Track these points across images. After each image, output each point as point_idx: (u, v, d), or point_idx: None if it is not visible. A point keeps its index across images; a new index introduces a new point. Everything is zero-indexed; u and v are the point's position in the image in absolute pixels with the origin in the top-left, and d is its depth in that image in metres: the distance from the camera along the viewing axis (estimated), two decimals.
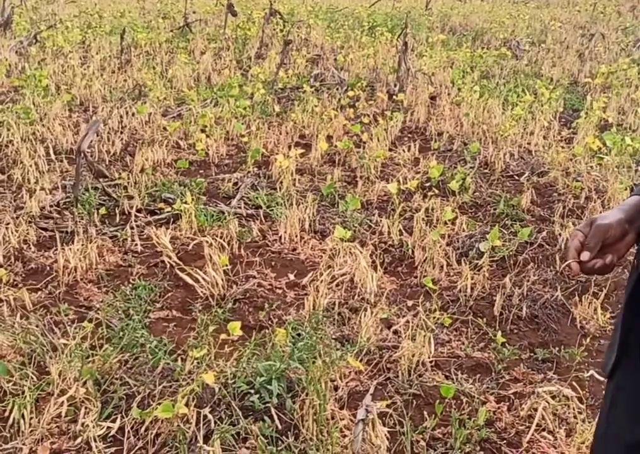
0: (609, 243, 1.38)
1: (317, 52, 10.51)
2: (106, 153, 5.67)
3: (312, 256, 4.18)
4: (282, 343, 2.94)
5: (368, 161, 5.57)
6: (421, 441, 2.58)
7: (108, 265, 3.90)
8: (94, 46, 9.87)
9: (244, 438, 2.53)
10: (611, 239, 1.38)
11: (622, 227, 1.38)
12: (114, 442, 2.53)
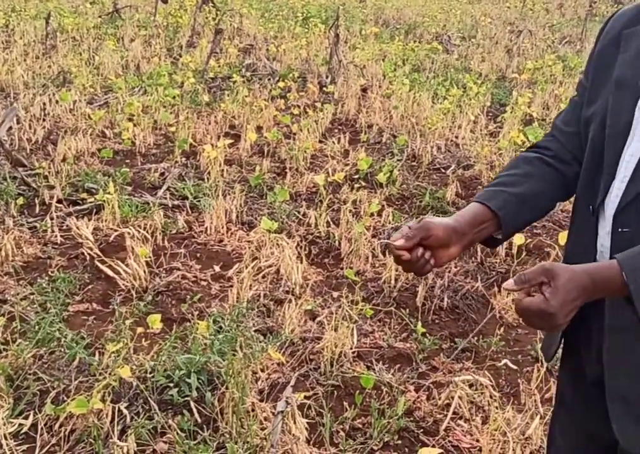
0: (431, 245, 1.35)
1: (249, 41, 10.42)
2: (27, 141, 5.48)
3: (238, 247, 4.15)
4: (203, 336, 2.91)
5: (297, 152, 5.56)
6: (340, 431, 2.60)
7: (26, 257, 3.78)
8: (18, 31, 9.53)
9: (162, 432, 2.50)
10: (434, 242, 1.35)
11: (448, 235, 1.36)
12: (26, 440, 2.46)
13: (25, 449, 2.41)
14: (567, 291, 1.19)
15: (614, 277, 1.21)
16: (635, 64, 1.35)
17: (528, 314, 1.19)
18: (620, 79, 1.37)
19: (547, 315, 1.17)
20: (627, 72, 1.36)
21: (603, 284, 1.22)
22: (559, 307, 1.17)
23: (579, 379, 1.52)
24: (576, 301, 1.20)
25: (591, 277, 1.21)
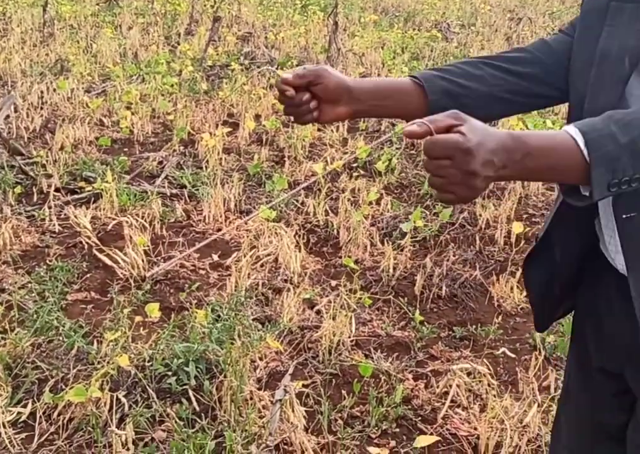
0: (319, 95, 1.28)
1: (248, 29, 10.36)
2: (25, 130, 5.46)
3: (236, 236, 4.15)
4: (201, 325, 2.91)
5: (296, 141, 5.54)
6: (338, 419, 2.61)
7: (24, 245, 3.78)
8: (15, 19, 9.46)
9: (160, 421, 2.50)
10: (322, 92, 1.28)
11: (338, 91, 1.28)
12: (25, 428, 2.47)
13: (24, 438, 2.42)
14: (486, 133, 0.97)
15: (562, 139, 1.01)
16: (623, 39, 1.27)
17: (442, 152, 0.95)
18: (605, 51, 1.29)
19: (463, 153, 0.94)
20: (612, 46, 1.28)
21: (540, 149, 1.00)
22: (477, 141, 0.94)
23: (584, 367, 1.51)
24: (495, 154, 0.96)
25: (515, 136, 0.99)
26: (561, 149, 1.00)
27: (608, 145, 1.00)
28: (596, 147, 1.00)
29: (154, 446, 2.38)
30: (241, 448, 2.31)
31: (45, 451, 2.37)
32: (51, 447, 2.39)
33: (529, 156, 0.99)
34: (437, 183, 0.97)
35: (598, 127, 1.02)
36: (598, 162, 1.00)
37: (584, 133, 1.00)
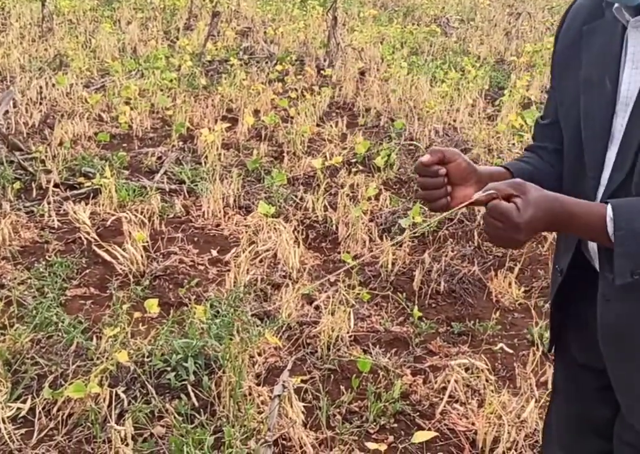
0: (452, 173, 1.33)
1: (247, 24, 10.35)
2: (24, 125, 5.46)
3: (236, 232, 4.16)
4: (200, 321, 2.92)
5: (295, 136, 5.54)
6: (337, 414, 2.62)
7: (23, 241, 3.78)
8: (14, 14, 9.44)
9: (160, 416, 2.51)
10: (455, 169, 1.33)
11: (469, 170, 1.35)
12: (24, 423, 2.48)
13: (23, 433, 2.43)
14: (538, 207, 1.17)
15: (598, 217, 1.19)
16: (600, 61, 1.33)
17: (498, 217, 1.17)
18: (588, 78, 1.34)
19: (513, 225, 1.15)
20: (593, 71, 1.33)
21: (578, 219, 1.20)
22: (527, 219, 1.16)
23: (569, 364, 1.55)
24: (542, 222, 1.18)
25: (565, 206, 1.20)
26: (594, 228, 1.20)
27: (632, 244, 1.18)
28: (620, 242, 1.18)
29: (153, 442, 2.39)
30: (240, 444, 2.32)
31: (44, 447, 2.38)
32: (51, 442, 2.40)
33: (569, 225, 1.21)
34: (488, 232, 1.21)
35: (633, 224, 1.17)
36: (619, 255, 1.19)
37: (617, 228, 1.17)
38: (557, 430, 1.64)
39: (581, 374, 1.52)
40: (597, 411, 1.51)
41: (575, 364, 1.53)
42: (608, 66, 1.30)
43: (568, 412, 1.60)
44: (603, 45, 1.33)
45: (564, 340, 1.58)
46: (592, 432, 1.55)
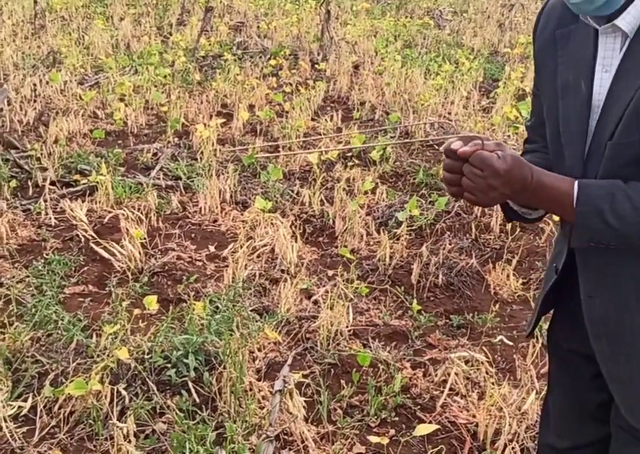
0: None
1: (240, 19, 10.31)
2: (18, 123, 5.44)
3: (233, 227, 4.16)
4: (200, 317, 2.92)
5: (290, 131, 5.54)
6: (338, 409, 2.62)
7: (21, 239, 3.77)
8: (6, 11, 9.39)
9: (161, 413, 2.51)
10: None
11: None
12: (26, 422, 2.47)
13: (25, 432, 2.43)
14: (516, 163, 1.24)
15: (564, 192, 1.28)
16: (576, 66, 1.37)
17: (479, 164, 1.22)
18: (564, 84, 1.38)
19: (493, 171, 1.22)
20: (569, 77, 1.38)
21: (548, 190, 1.28)
22: (507, 168, 1.22)
23: (561, 354, 1.61)
24: (517, 181, 1.25)
25: (536, 175, 1.27)
26: (560, 201, 1.30)
27: (596, 222, 1.27)
28: (581, 217, 1.28)
29: (155, 438, 2.39)
30: (242, 439, 2.33)
31: (46, 445, 2.38)
32: (53, 440, 2.40)
33: (537, 194, 1.29)
34: (466, 184, 1.26)
35: (595, 202, 1.27)
36: (579, 231, 1.30)
37: (579, 203, 1.27)
38: (554, 418, 1.67)
39: (573, 363, 1.57)
40: (592, 398, 1.56)
41: (565, 351, 1.59)
42: (582, 70, 1.35)
43: (564, 401, 1.64)
44: (577, 51, 1.37)
45: (552, 331, 1.64)
46: (589, 418, 1.59)
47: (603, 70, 1.33)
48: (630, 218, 1.25)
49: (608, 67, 1.32)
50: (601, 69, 1.33)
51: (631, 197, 1.25)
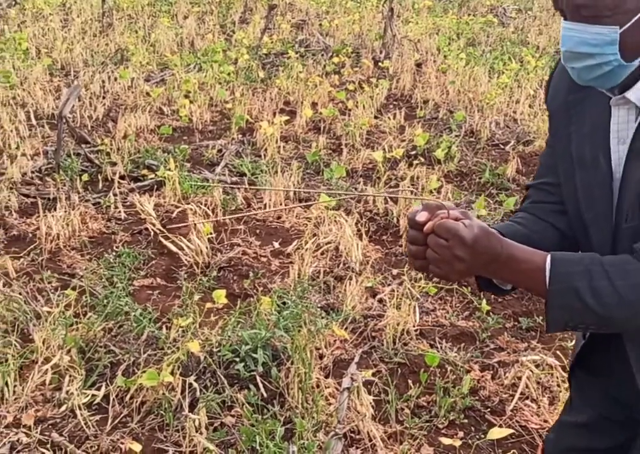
0: None
1: (302, 17, 10.35)
2: (88, 118, 5.57)
3: (296, 224, 4.17)
4: (267, 312, 2.93)
5: (353, 128, 5.52)
6: (405, 408, 2.60)
7: (91, 232, 3.86)
8: (75, 9, 9.63)
9: (229, 406, 2.53)
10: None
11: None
12: (99, 410, 2.53)
13: (98, 420, 2.48)
14: (483, 234, 1.14)
15: (536, 267, 1.16)
16: (591, 138, 1.28)
17: (445, 234, 1.12)
18: (581, 156, 1.29)
19: (459, 241, 1.11)
20: (585, 148, 1.28)
21: (520, 264, 1.16)
22: (473, 237, 1.12)
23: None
24: (485, 254, 1.14)
25: (506, 247, 1.16)
26: (532, 277, 1.17)
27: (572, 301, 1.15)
28: (557, 295, 1.15)
29: (224, 432, 2.41)
30: (311, 435, 2.33)
31: (118, 433, 2.43)
32: (125, 429, 2.45)
33: (506, 267, 1.17)
34: (431, 256, 1.16)
35: (571, 279, 1.14)
36: (554, 311, 1.17)
37: (553, 280, 1.15)
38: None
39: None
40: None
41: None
42: (599, 142, 1.26)
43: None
44: (592, 121, 1.28)
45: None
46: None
47: (619, 143, 1.23)
48: (608, 298, 1.12)
49: (624, 139, 1.23)
50: (617, 142, 1.24)
51: (609, 273, 1.13)
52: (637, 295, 1.13)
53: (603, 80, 1.20)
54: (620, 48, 1.16)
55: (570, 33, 1.18)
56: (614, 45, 1.16)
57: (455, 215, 1.15)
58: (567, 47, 1.20)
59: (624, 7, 1.15)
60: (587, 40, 1.17)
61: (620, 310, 1.14)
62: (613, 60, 1.17)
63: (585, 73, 1.20)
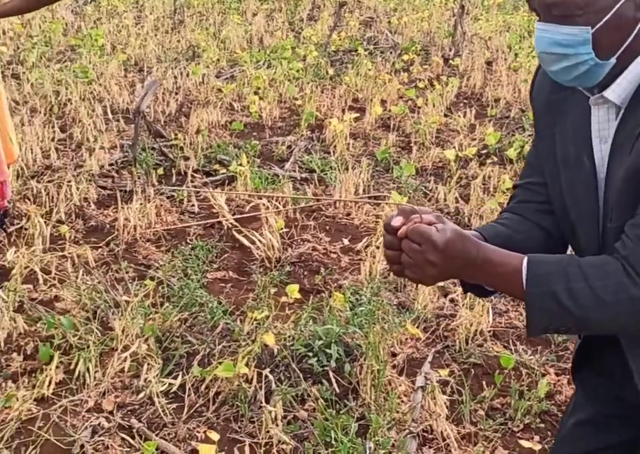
0: None
1: (370, 14, 10.33)
2: (161, 113, 5.68)
3: (366, 221, 4.16)
4: (339, 308, 2.94)
5: (423, 126, 5.48)
6: (479, 410, 2.57)
7: (166, 224, 3.94)
8: (148, 6, 9.85)
9: (302, 400, 2.55)
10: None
11: None
12: (175, 399, 2.58)
13: (175, 408, 2.53)
14: (456, 237, 1.13)
15: (513, 269, 1.15)
16: (574, 137, 1.25)
17: (417, 239, 1.12)
18: (565, 156, 1.26)
19: (431, 246, 1.11)
20: (569, 148, 1.26)
21: (496, 267, 1.16)
22: (445, 241, 1.11)
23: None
24: (459, 257, 1.13)
25: (482, 250, 1.15)
26: (509, 280, 1.16)
27: (550, 304, 1.13)
28: (536, 299, 1.14)
29: (297, 425, 2.43)
30: (385, 432, 2.32)
31: (194, 422, 2.47)
32: (200, 418, 2.49)
33: (482, 271, 1.17)
34: (405, 261, 1.16)
35: (548, 280, 1.13)
36: (533, 314, 1.15)
37: (529, 282, 1.13)
38: None
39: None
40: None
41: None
42: (582, 143, 1.24)
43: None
44: (574, 120, 1.26)
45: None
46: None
47: (602, 142, 1.22)
48: (585, 299, 1.11)
49: (606, 138, 1.21)
50: (599, 141, 1.22)
51: (586, 274, 1.12)
52: (615, 297, 1.11)
53: (582, 80, 1.18)
54: (595, 47, 1.14)
55: (542, 34, 1.17)
56: (587, 45, 1.14)
57: (429, 220, 1.15)
58: (541, 48, 1.18)
59: (595, 5, 1.12)
60: (559, 41, 1.15)
61: (597, 312, 1.12)
62: (589, 60, 1.15)
63: (563, 75, 1.19)
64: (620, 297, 1.10)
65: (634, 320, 1.13)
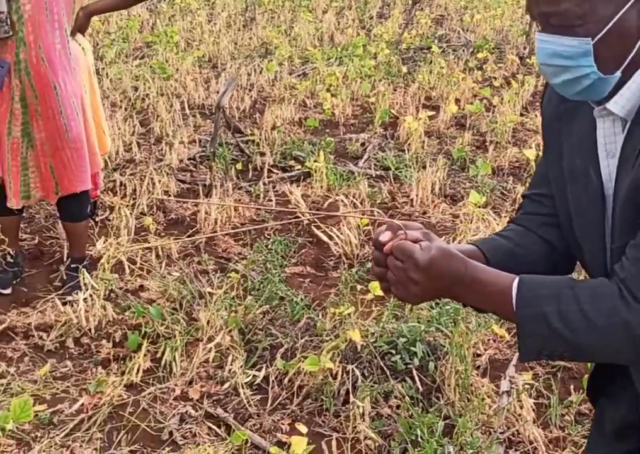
0: None
1: (441, 12, 10.23)
2: (236, 110, 5.75)
3: (442, 220, 4.12)
4: (420, 307, 2.92)
5: (498, 125, 5.40)
6: (566, 415, 2.52)
7: (244, 219, 3.98)
8: (219, 4, 9.98)
9: (385, 397, 2.54)
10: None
11: None
12: (259, 391, 2.60)
13: (259, 399, 2.55)
14: (442, 256, 1.10)
15: (502, 290, 1.11)
16: (581, 150, 1.19)
17: (400, 256, 1.09)
18: (572, 168, 1.20)
19: (413, 264, 1.08)
20: (575, 161, 1.19)
21: (485, 287, 1.12)
22: (428, 260, 1.08)
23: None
24: (444, 277, 1.10)
25: (470, 269, 1.12)
26: (499, 301, 1.12)
27: (540, 327, 1.08)
28: (527, 322, 1.09)
29: (381, 422, 2.42)
30: (471, 434, 2.29)
31: (278, 414, 2.49)
32: (284, 411, 2.51)
33: (471, 291, 1.12)
34: (390, 278, 1.13)
35: (538, 303, 1.08)
36: (525, 338, 1.10)
37: (519, 304, 1.08)
38: None
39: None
40: None
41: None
42: (589, 157, 1.18)
43: None
44: (581, 132, 1.20)
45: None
46: None
47: (609, 156, 1.15)
48: (577, 323, 1.05)
49: (613, 152, 1.14)
50: (606, 156, 1.16)
51: (579, 297, 1.06)
52: (607, 320, 1.04)
53: (586, 94, 1.13)
54: (597, 59, 1.09)
55: (543, 45, 1.12)
56: (588, 57, 1.08)
57: (414, 237, 1.12)
58: (541, 60, 1.13)
59: (595, 15, 1.06)
60: (559, 52, 1.10)
61: (589, 336, 1.06)
62: (591, 73, 1.09)
63: (566, 88, 1.14)
64: (613, 321, 1.04)
65: (628, 346, 1.06)
